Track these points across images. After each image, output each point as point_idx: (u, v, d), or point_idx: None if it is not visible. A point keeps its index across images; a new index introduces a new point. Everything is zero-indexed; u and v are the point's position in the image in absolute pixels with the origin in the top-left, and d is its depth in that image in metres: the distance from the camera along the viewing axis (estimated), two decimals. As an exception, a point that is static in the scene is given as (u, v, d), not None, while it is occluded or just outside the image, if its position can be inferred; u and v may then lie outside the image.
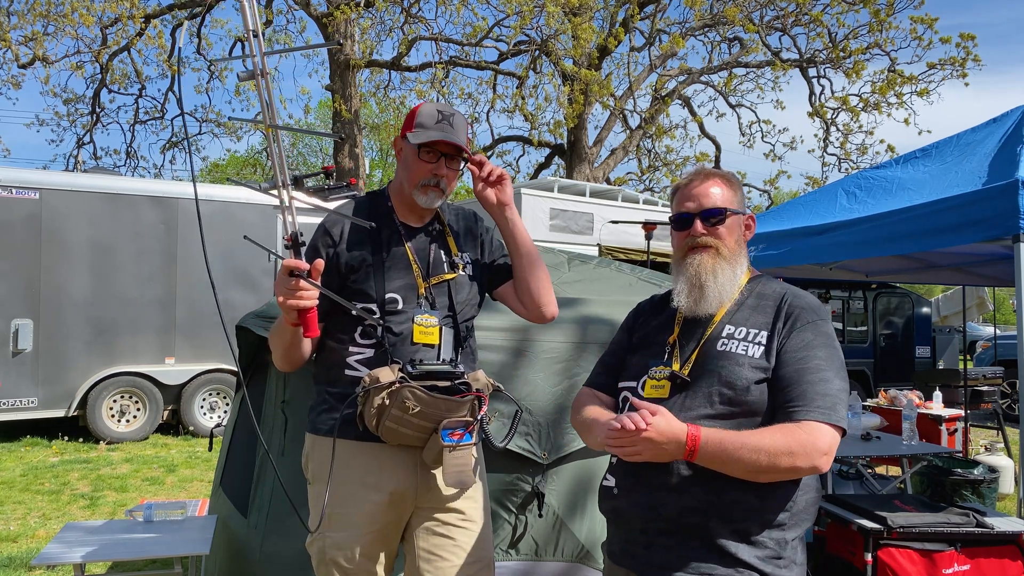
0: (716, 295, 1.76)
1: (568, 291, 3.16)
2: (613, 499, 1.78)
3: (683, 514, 1.66)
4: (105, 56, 14.92)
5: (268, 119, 1.75)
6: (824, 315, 1.76)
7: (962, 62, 14.69)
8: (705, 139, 18.64)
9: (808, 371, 1.65)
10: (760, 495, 1.64)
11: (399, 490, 2.06)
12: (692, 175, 1.87)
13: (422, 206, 2.13)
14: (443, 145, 2.09)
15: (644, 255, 9.16)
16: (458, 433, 1.99)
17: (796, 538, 1.69)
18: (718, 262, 1.78)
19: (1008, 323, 25.99)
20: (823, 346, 1.69)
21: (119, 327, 8.52)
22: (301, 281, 1.83)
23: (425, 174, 2.10)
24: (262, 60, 1.69)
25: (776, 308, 1.76)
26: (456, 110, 2.17)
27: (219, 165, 28.51)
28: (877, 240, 4.11)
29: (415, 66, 15.30)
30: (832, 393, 1.64)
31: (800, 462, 1.57)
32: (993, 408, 6.85)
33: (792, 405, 1.63)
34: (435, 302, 2.12)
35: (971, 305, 16.98)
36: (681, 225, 1.83)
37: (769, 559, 1.65)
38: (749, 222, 1.89)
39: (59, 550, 2.96)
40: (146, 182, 10.65)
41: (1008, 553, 3.20)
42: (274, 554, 2.76)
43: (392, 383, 1.94)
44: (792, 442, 1.57)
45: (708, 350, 1.74)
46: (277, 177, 1.83)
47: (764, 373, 1.68)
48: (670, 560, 1.67)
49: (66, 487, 6.61)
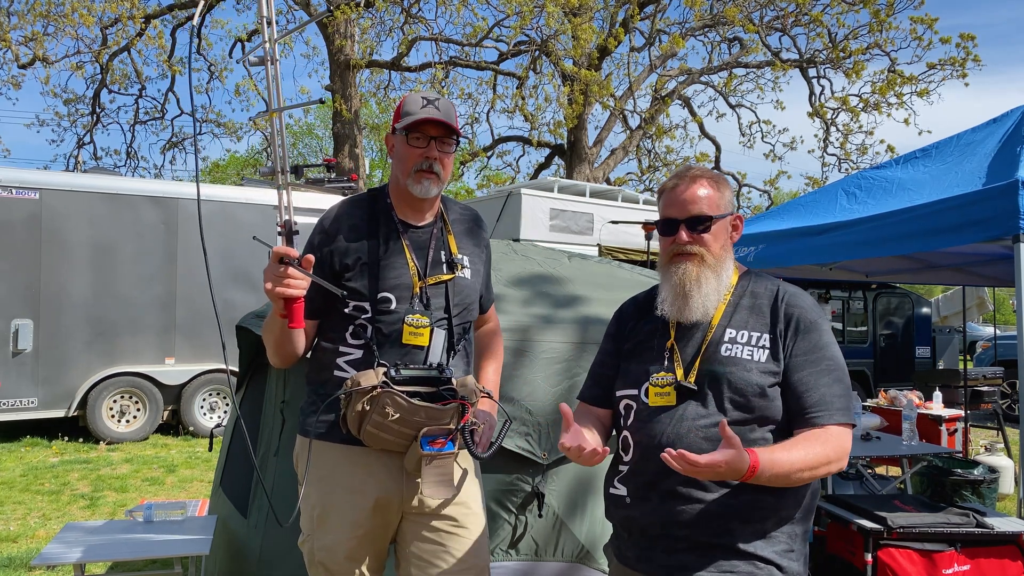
0: (700, 304, 1.76)
1: (568, 290, 3.16)
2: (626, 508, 1.77)
3: (702, 520, 1.67)
4: (105, 56, 14.92)
5: (273, 104, 1.82)
6: (821, 312, 1.79)
7: (962, 62, 14.68)
8: (705, 139, 18.63)
9: (820, 374, 1.69)
10: (776, 495, 1.67)
11: (384, 495, 2.03)
12: (678, 177, 1.84)
13: (418, 196, 2.08)
14: (431, 127, 2.04)
15: (644, 255, 9.17)
16: (439, 441, 1.95)
17: (805, 531, 1.75)
18: (702, 271, 1.77)
19: (1008, 323, 25.98)
20: (828, 345, 1.73)
21: (119, 327, 8.51)
22: (290, 268, 1.81)
23: (416, 158, 2.05)
24: (273, 47, 1.79)
25: (772, 308, 1.77)
26: (441, 95, 2.14)
27: (219, 165, 28.52)
28: (877, 240, 4.11)
29: (415, 66, 15.31)
30: (845, 393, 1.70)
31: (835, 467, 1.65)
32: (993, 408, 6.85)
33: (814, 411, 1.67)
34: (430, 302, 2.09)
35: (971, 305, 16.98)
36: (666, 231, 1.82)
37: (784, 552, 1.70)
38: (736, 223, 1.88)
39: (59, 550, 2.96)
40: (146, 182, 10.65)
41: (1008, 553, 3.20)
42: (274, 554, 2.76)
43: (373, 387, 1.90)
44: (830, 450, 1.63)
45: (712, 355, 1.74)
46: (276, 162, 1.85)
47: (774, 378, 1.70)
48: (691, 561, 1.68)
49: (66, 487, 6.61)
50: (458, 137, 2.10)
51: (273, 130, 1.85)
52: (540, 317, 2.90)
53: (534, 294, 3.10)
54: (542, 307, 3.00)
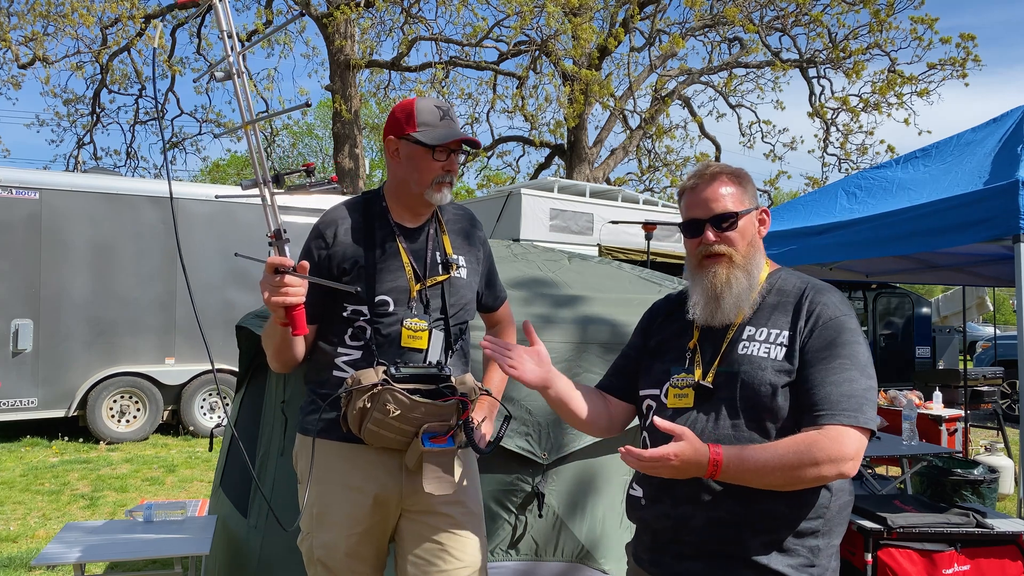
0: (733, 306, 1.70)
1: (568, 290, 3.16)
2: (641, 509, 1.75)
3: (713, 527, 1.62)
4: (105, 56, 14.91)
5: (246, 117, 1.80)
6: (847, 310, 1.68)
7: (962, 62, 14.68)
8: (705, 139, 18.59)
9: (832, 371, 1.59)
10: (791, 504, 1.60)
11: (383, 493, 2.04)
12: (697, 176, 1.77)
13: (435, 203, 2.10)
14: (456, 143, 2.07)
15: (644, 255, 9.16)
16: (440, 438, 1.97)
17: (831, 545, 1.65)
18: (732, 271, 1.70)
19: (1008, 323, 25.99)
20: (847, 343, 1.62)
21: (119, 327, 8.51)
22: (287, 277, 1.81)
23: (438, 171, 2.07)
24: (238, 59, 1.77)
25: (796, 305, 1.69)
26: (446, 101, 2.17)
27: (219, 165, 28.53)
28: (877, 240, 4.11)
29: (415, 66, 15.31)
30: (858, 393, 1.58)
31: (826, 471, 1.53)
32: (993, 408, 6.86)
33: (817, 409, 1.57)
34: (428, 304, 2.10)
35: (971, 305, 16.99)
36: (692, 232, 1.75)
37: (803, 567, 1.60)
38: (763, 216, 1.80)
39: (59, 550, 2.96)
40: (146, 182, 10.64)
41: (1008, 553, 3.20)
42: (274, 554, 2.76)
43: (374, 385, 1.92)
44: (817, 452, 1.52)
45: (729, 354, 1.69)
46: (257, 174, 1.85)
47: (788, 376, 1.62)
48: (699, 569, 1.64)
49: (66, 487, 6.61)
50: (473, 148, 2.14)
51: (250, 143, 1.82)
52: (540, 317, 2.90)
53: (534, 294, 3.10)
54: (542, 307, 3.00)
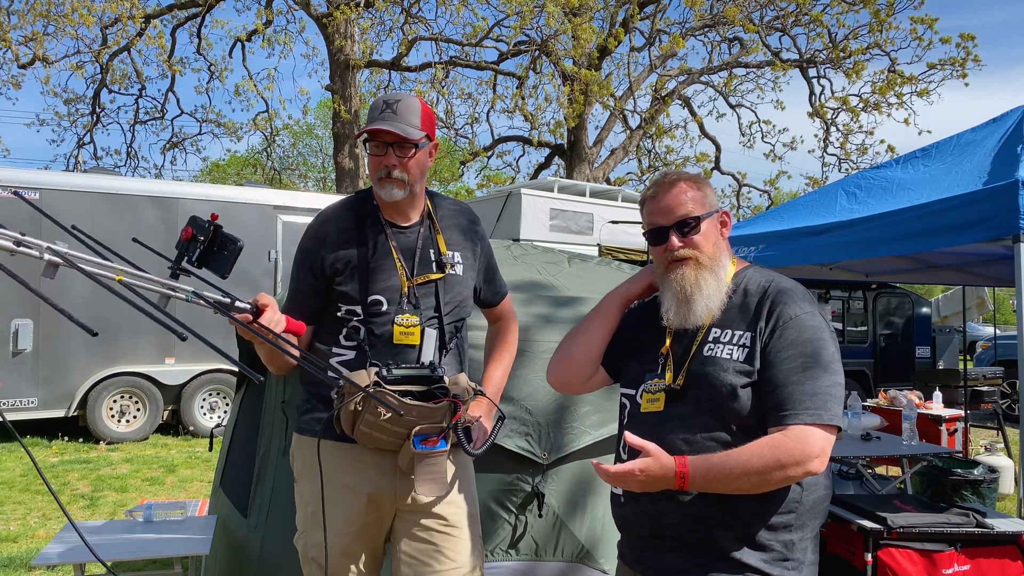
0: (704, 306, 1.73)
1: (568, 290, 3.16)
2: (621, 507, 1.79)
3: (688, 523, 1.65)
4: (105, 56, 14.91)
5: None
6: (809, 307, 1.69)
7: (962, 62, 14.69)
8: (705, 139, 18.64)
9: (794, 370, 1.60)
10: (761, 499, 1.62)
11: (376, 493, 2.05)
12: (656, 185, 1.81)
13: (384, 199, 2.09)
14: (383, 134, 2.04)
15: (644, 255, 9.17)
16: (431, 440, 1.97)
17: (805, 538, 1.68)
18: (700, 272, 1.74)
19: (1008, 323, 25.99)
20: (809, 341, 1.63)
21: (119, 327, 8.51)
22: (255, 324, 1.81)
23: (376, 167, 2.06)
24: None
25: (757, 305, 1.71)
26: (407, 95, 2.12)
27: (219, 165, 28.52)
28: (877, 240, 4.10)
29: (415, 66, 15.31)
30: (821, 391, 1.59)
31: (792, 472, 1.55)
32: (993, 408, 6.86)
33: (781, 410, 1.59)
34: (419, 302, 2.09)
35: (971, 305, 16.97)
36: (657, 239, 1.79)
37: (776, 561, 1.63)
38: (724, 218, 1.83)
39: (59, 550, 2.96)
40: (146, 182, 10.64)
41: (1008, 553, 3.20)
42: (274, 554, 2.76)
43: (364, 388, 1.91)
44: (781, 454, 1.54)
45: (697, 356, 1.72)
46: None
47: (748, 377, 1.64)
48: (677, 565, 1.68)
49: (66, 487, 6.61)
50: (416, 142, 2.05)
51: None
52: (540, 317, 2.90)
53: (534, 295, 3.10)
54: (542, 307, 3.00)
